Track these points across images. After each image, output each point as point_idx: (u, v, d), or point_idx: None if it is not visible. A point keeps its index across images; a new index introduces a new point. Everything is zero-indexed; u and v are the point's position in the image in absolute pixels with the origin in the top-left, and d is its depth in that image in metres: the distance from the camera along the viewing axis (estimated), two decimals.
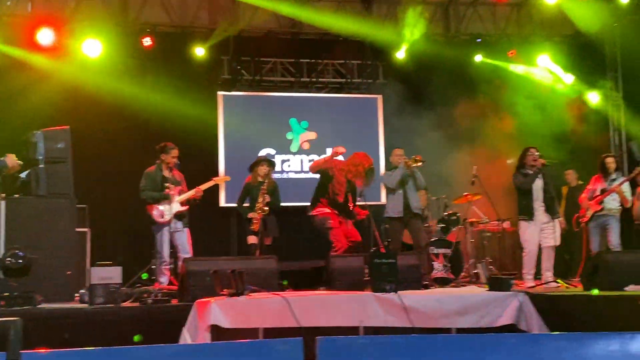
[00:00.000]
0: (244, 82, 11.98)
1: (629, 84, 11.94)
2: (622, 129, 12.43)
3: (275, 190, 8.77)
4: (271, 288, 5.97)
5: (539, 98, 12.02)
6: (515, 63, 12.46)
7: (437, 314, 5.61)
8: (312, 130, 12.19)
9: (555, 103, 12.04)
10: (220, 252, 10.32)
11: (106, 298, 6.09)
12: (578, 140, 11.64)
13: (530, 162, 8.36)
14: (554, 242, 8.25)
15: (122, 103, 10.39)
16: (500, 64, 12.45)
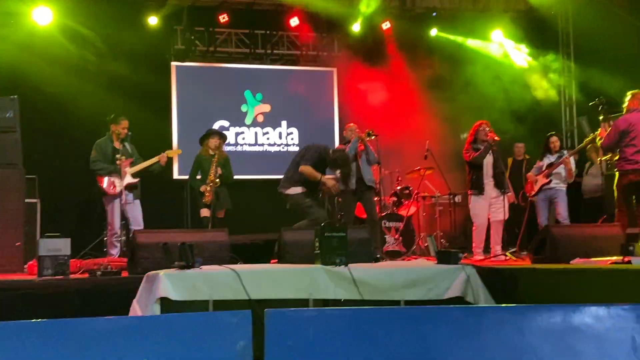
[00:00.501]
0: (198, 52, 11.86)
1: (580, 60, 12.11)
2: (573, 104, 12.65)
3: (226, 162, 8.75)
4: (222, 261, 5.97)
5: (493, 73, 12.13)
6: (469, 37, 12.54)
7: (387, 287, 5.67)
8: (267, 103, 12.14)
9: (508, 78, 12.17)
10: (173, 225, 10.28)
11: (55, 270, 6.03)
12: (530, 115, 11.80)
13: (481, 137, 8.49)
14: (502, 216, 8.41)
15: (73, 72, 10.21)
16: (455, 38, 12.52)
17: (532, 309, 4.33)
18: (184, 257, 5.43)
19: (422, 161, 9.73)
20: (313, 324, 4.22)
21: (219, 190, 8.45)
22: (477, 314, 4.58)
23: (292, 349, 4.17)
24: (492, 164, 8.44)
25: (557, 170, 9.07)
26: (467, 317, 4.44)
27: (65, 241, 6.20)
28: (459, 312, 4.51)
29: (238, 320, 4.17)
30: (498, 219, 8.44)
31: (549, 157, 9.23)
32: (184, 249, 5.45)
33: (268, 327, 4.15)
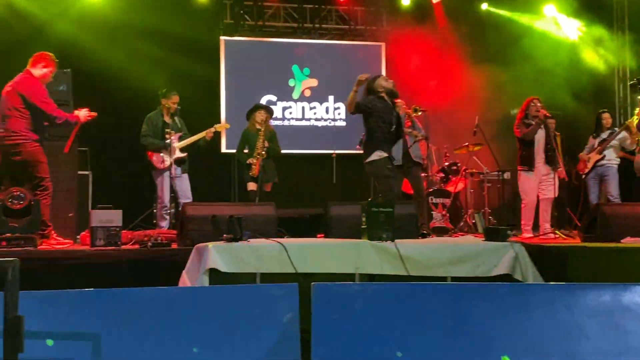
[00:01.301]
0: (247, 27, 11.88)
1: (635, 34, 11.80)
2: (627, 80, 12.34)
3: (273, 136, 8.80)
4: (269, 234, 6.03)
5: (545, 47, 11.89)
6: (521, 12, 12.30)
7: (433, 263, 5.65)
8: (314, 77, 12.12)
9: (560, 53, 11.92)
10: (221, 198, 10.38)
11: (106, 240, 6.17)
12: (583, 91, 11.55)
13: (533, 113, 8.36)
14: (552, 194, 8.30)
15: (123, 47, 10.34)
16: (506, 12, 12.29)
17: (581, 287, 4.28)
18: (232, 229, 5.50)
19: (471, 137, 9.62)
20: (359, 298, 4.25)
21: (266, 164, 8.51)
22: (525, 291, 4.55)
23: (338, 323, 4.20)
24: (544, 139, 8.31)
25: (612, 144, 8.90)
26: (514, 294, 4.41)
27: (117, 213, 6.34)
28: (507, 289, 4.48)
29: (285, 293, 4.22)
30: (548, 196, 8.32)
31: (601, 135, 9.06)
32: (233, 222, 5.51)
33: (315, 301, 4.18)
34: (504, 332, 4.24)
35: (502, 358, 4.04)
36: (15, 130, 6.68)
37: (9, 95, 6.76)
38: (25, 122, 6.69)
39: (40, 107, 6.71)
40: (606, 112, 9.17)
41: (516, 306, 4.29)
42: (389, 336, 4.23)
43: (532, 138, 8.29)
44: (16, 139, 6.68)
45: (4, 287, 2.35)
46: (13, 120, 6.68)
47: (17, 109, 6.68)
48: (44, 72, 6.85)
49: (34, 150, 6.71)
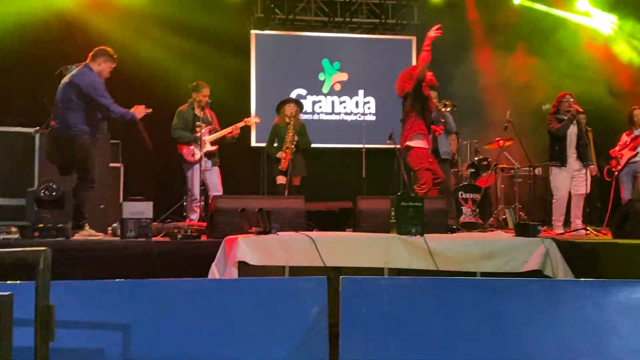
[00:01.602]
0: (277, 21, 11.90)
1: None
2: None
3: (303, 130, 8.82)
4: (298, 227, 6.04)
5: (578, 42, 11.75)
6: (553, 6, 12.16)
7: (463, 258, 5.63)
8: (344, 72, 12.10)
9: (594, 47, 11.77)
10: (250, 191, 10.42)
11: (137, 232, 6.23)
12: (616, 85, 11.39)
13: (565, 108, 8.25)
14: (584, 189, 8.20)
15: (152, 41, 10.40)
16: (539, 6, 12.15)
17: (612, 284, 4.23)
18: (262, 222, 5.52)
19: (502, 132, 9.54)
20: (388, 292, 4.24)
21: (295, 158, 8.52)
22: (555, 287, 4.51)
23: (366, 317, 4.20)
24: (576, 135, 8.21)
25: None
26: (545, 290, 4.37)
27: (148, 205, 6.39)
28: (537, 285, 4.44)
29: (314, 286, 4.22)
30: (580, 192, 8.22)
31: (634, 132, 8.94)
32: (262, 215, 5.53)
33: (343, 294, 4.18)
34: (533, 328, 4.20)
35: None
36: (70, 122, 6.75)
37: (66, 87, 6.83)
38: (80, 114, 6.75)
39: (96, 100, 6.77)
40: (638, 109, 9.04)
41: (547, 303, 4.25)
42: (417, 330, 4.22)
43: (564, 133, 8.19)
44: (69, 130, 6.75)
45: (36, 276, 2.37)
46: (72, 113, 6.75)
47: (72, 101, 6.74)
48: (102, 67, 6.92)
49: (85, 142, 6.76)
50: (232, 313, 4.16)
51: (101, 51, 6.99)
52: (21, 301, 2.40)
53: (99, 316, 3.92)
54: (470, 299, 4.32)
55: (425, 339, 4.21)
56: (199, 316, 4.13)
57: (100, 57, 6.94)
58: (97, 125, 6.99)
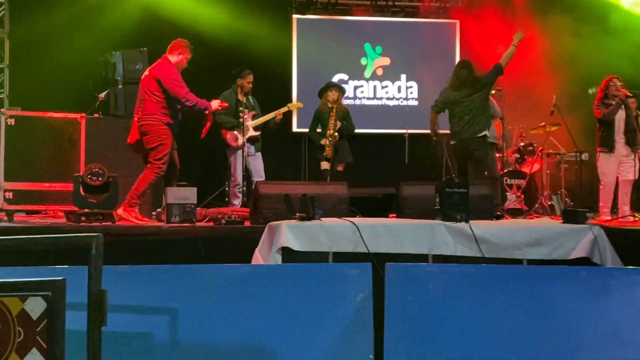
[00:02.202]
0: (319, 5, 11.83)
1: None
2: None
3: (346, 115, 8.78)
4: (341, 214, 6.02)
5: (627, 25, 11.47)
6: None
7: (509, 245, 5.55)
8: (386, 56, 12.01)
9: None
10: (292, 177, 10.44)
11: (182, 217, 6.27)
12: None
13: (613, 92, 8.09)
14: (633, 175, 8.04)
15: (197, 26, 10.41)
16: None
17: None
18: (305, 208, 5.51)
19: (548, 117, 9.38)
20: (433, 279, 4.21)
21: (339, 144, 8.49)
22: (604, 275, 4.45)
23: (411, 303, 4.18)
24: (625, 120, 8.04)
25: None
26: (594, 278, 4.31)
27: (192, 190, 6.44)
28: (586, 272, 4.38)
29: (359, 272, 4.21)
30: (628, 178, 8.07)
31: None
32: (305, 201, 5.53)
33: (388, 281, 4.17)
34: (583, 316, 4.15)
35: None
36: (149, 113, 6.98)
37: (146, 79, 7.08)
38: (160, 105, 6.98)
39: (173, 90, 6.97)
40: None
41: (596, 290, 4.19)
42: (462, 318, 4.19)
43: (612, 118, 8.03)
44: (149, 120, 6.97)
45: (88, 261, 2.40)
46: (148, 104, 6.98)
47: (152, 93, 6.98)
48: (179, 58, 7.15)
49: (160, 131, 6.97)
50: (276, 299, 4.18)
51: (178, 43, 7.24)
52: (74, 286, 2.43)
53: (146, 300, 3.97)
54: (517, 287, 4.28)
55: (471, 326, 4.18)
56: (244, 302, 4.15)
57: (177, 48, 7.20)
58: (176, 116, 7.18)
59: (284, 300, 4.19)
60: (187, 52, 7.23)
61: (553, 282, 4.27)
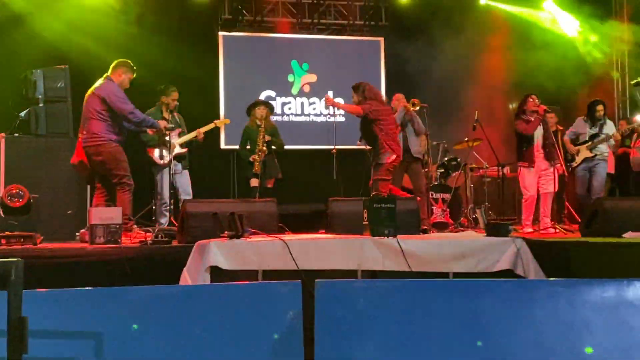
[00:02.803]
0: (245, 22, 11.84)
1: (635, 28, 11.79)
2: (626, 74, 12.34)
3: (275, 131, 8.81)
4: (271, 231, 6.00)
5: (544, 42, 11.88)
6: (519, 6, 12.28)
7: (435, 259, 5.64)
8: (313, 73, 12.09)
9: (560, 47, 11.91)
10: (221, 194, 10.34)
11: (107, 238, 6.14)
12: (582, 85, 11.53)
13: (531, 108, 8.33)
14: (552, 188, 8.28)
15: (121, 42, 10.26)
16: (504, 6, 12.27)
17: (584, 282, 4.27)
18: (234, 226, 5.47)
19: (471, 132, 9.60)
20: (363, 295, 4.23)
21: (268, 160, 8.50)
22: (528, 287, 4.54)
23: (341, 320, 4.19)
24: (543, 135, 8.29)
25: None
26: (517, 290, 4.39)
27: (117, 210, 6.32)
28: (510, 285, 4.47)
29: (288, 290, 4.19)
30: (548, 191, 8.31)
31: (592, 127, 9.00)
32: (234, 219, 5.49)
33: (318, 298, 4.16)
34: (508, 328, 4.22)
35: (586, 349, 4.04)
36: (95, 132, 7.02)
37: (89, 99, 7.12)
38: (105, 124, 7.03)
39: (118, 107, 7.05)
40: (600, 104, 9.12)
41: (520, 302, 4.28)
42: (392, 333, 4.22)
43: (531, 134, 8.27)
44: (96, 140, 7.02)
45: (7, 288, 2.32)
46: (93, 123, 7.03)
47: (97, 112, 7.02)
48: (122, 78, 7.27)
49: (112, 150, 7.04)
50: (205, 320, 4.12)
51: (121, 63, 7.36)
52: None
53: (70, 325, 3.86)
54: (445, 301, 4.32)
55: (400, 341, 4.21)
56: (172, 323, 4.08)
57: (119, 68, 7.31)
58: (123, 132, 7.26)
59: (213, 320, 4.13)
60: (130, 72, 7.35)
61: (479, 295, 4.34)
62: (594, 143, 8.81)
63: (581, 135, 9.06)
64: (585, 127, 9.06)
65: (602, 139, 8.82)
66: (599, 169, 9.02)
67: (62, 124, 7.83)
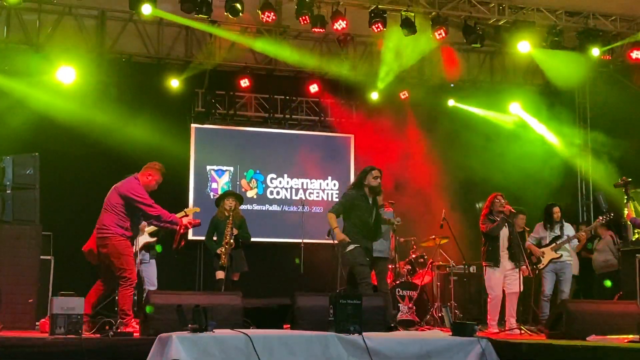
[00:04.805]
0: (218, 115, 12.02)
1: (597, 134, 12.18)
2: (589, 179, 12.66)
3: (242, 223, 8.71)
4: (235, 325, 5.92)
5: (510, 145, 12.20)
6: (486, 109, 12.64)
7: (401, 357, 5.59)
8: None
9: (525, 150, 12.23)
10: (186, 285, 10.26)
11: (67, 328, 6.00)
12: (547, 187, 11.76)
13: (497, 208, 8.45)
14: (517, 288, 8.33)
15: (93, 131, 10.35)
16: (471, 109, 12.62)
17: None
18: (198, 320, 5.39)
19: (438, 230, 9.70)
20: None
21: (235, 253, 8.42)
22: None
23: None
24: (508, 236, 8.39)
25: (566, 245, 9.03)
26: None
27: (79, 300, 6.20)
28: None
29: None
30: (513, 291, 8.35)
31: (552, 229, 9.09)
32: (198, 312, 5.41)
33: None
34: None
35: None
36: (105, 224, 7.07)
37: (110, 192, 7.23)
38: (116, 217, 7.06)
39: (136, 202, 7.10)
40: (557, 206, 9.22)
41: None
42: None
43: (497, 234, 8.36)
44: (104, 232, 7.05)
45: None
46: (106, 215, 7.10)
47: (113, 205, 7.10)
48: (149, 179, 7.36)
49: (117, 243, 7.01)
50: None
51: (151, 165, 7.49)
52: None
53: None
54: None
55: None
56: None
57: (148, 169, 7.42)
58: (134, 228, 7.25)
59: None
60: (158, 175, 7.42)
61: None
62: (558, 245, 8.91)
63: (542, 239, 9.10)
64: (545, 231, 9.13)
65: (565, 239, 8.93)
66: (566, 272, 8.97)
67: (29, 211, 7.75)
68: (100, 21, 11.10)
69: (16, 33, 10.66)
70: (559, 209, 9.18)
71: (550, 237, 9.04)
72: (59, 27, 10.83)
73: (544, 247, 9.02)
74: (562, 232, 9.01)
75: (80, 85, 10.61)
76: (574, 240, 9.08)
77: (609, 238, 10.21)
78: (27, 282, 7.43)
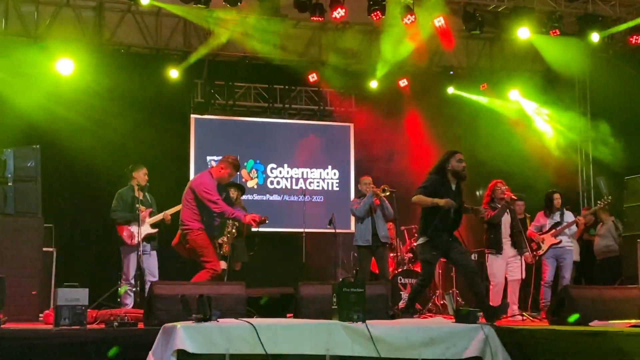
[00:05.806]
0: (217, 106, 12.00)
1: (597, 119, 12.17)
2: (590, 164, 12.66)
3: None
4: (239, 314, 5.94)
5: (510, 131, 12.20)
6: (486, 96, 12.63)
7: (404, 345, 5.61)
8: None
9: (526, 136, 12.22)
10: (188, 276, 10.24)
11: (72, 320, 6.01)
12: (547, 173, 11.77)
13: (498, 196, 8.46)
14: (519, 275, 8.35)
15: (94, 122, 10.35)
16: (471, 96, 12.62)
17: None
18: (202, 309, 5.41)
19: None
20: None
21: (236, 243, 8.45)
22: None
23: None
24: (510, 223, 8.41)
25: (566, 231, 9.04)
26: None
27: (84, 291, 6.18)
28: None
29: None
30: (515, 278, 8.38)
31: (552, 216, 9.12)
32: (202, 302, 5.43)
33: None
34: None
35: None
36: (183, 219, 7.44)
37: (187, 189, 7.56)
38: (192, 212, 7.37)
39: (203, 197, 7.34)
40: (557, 193, 9.26)
41: None
42: None
43: (498, 221, 8.38)
44: (184, 227, 7.41)
45: None
46: (184, 210, 7.47)
47: (187, 201, 7.43)
48: (221, 173, 7.57)
49: (196, 237, 7.33)
50: None
51: (224, 158, 7.71)
52: None
53: None
54: None
55: None
56: None
57: (222, 163, 7.67)
58: (210, 220, 7.46)
59: None
60: (230, 168, 7.61)
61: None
62: (558, 230, 8.93)
63: (544, 227, 9.13)
64: (546, 218, 9.14)
65: (565, 225, 8.94)
66: (567, 258, 9.01)
67: (31, 203, 7.74)
68: (98, 12, 11.07)
69: (14, 25, 10.61)
70: (559, 195, 9.20)
71: (550, 224, 9.07)
72: (57, 19, 10.79)
73: (544, 234, 9.05)
74: (563, 219, 9.03)
75: (79, 77, 10.58)
76: (573, 226, 9.10)
77: (611, 223, 10.22)
78: (29, 274, 7.43)
